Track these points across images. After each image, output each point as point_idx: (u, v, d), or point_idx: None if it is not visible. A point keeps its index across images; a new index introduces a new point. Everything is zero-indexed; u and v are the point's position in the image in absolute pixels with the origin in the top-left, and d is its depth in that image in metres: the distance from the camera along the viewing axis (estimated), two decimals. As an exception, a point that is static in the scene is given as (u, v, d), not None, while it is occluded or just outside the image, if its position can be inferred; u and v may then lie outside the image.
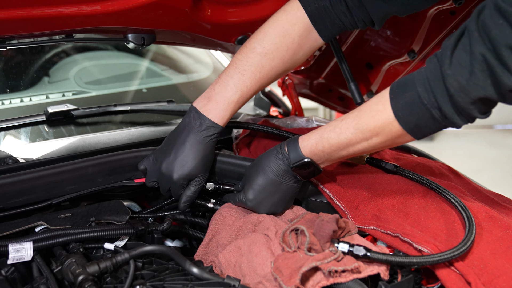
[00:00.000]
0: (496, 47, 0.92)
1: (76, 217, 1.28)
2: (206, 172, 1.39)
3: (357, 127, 1.14)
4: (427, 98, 1.03)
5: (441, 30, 1.72)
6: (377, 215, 1.28)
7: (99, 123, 1.78)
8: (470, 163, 5.71)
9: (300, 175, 1.27)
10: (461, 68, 0.97)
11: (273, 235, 1.17)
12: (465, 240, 1.10)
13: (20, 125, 1.65)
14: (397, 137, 1.11)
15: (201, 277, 1.06)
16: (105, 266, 1.07)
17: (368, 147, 1.16)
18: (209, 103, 1.35)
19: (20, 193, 1.29)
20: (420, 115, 1.05)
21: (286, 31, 1.36)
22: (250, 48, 1.37)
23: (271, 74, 1.39)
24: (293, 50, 1.38)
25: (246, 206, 1.32)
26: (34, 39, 1.48)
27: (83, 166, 1.38)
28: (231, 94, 1.35)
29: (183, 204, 1.38)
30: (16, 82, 1.88)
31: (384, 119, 1.10)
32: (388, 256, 1.08)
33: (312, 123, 1.84)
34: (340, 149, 1.19)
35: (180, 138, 1.35)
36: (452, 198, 1.24)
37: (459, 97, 0.99)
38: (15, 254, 1.12)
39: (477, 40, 0.95)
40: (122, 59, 2.25)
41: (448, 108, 1.01)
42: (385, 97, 1.10)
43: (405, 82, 1.08)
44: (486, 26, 0.94)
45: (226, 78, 1.36)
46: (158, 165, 1.37)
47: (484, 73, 0.95)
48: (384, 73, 1.97)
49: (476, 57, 0.95)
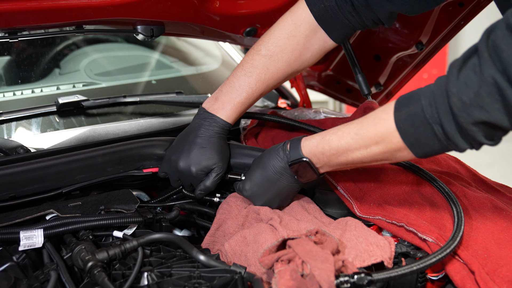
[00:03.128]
0: (507, 69, 0.87)
1: (86, 205, 1.31)
2: (224, 163, 1.40)
3: (358, 133, 1.11)
4: (430, 113, 0.98)
5: (450, 22, 1.72)
6: (382, 205, 1.29)
7: (109, 114, 1.80)
8: (481, 157, 5.65)
9: (298, 175, 1.25)
10: (467, 87, 0.92)
11: (278, 225, 1.18)
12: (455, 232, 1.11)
13: (31, 115, 1.67)
14: (396, 149, 1.07)
15: (208, 264, 1.08)
16: (114, 253, 1.09)
17: (367, 156, 1.12)
18: (216, 103, 1.39)
19: (31, 182, 1.31)
20: (421, 129, 1.01)
21: (291, 32, 1.37)
22: (256, 50, 1.39)
23: (278, 76, 1.40)
24: (298, 51, 1.39)
25: (242, 195, 1.35)
26: (44, 30, 1.50)
27: (93, 155, 1.41)
28: (237, 95, 1.38)
29: (199, 192, 1.40)
30: (27, 74, 1.91)
31: (385, 128, 1.06)
32: (389, 272, 1.03)
33: (320, 115, 1.85)
34: (339, 154, 1.15)
35: (191, 136, 1.38)
36: (443, 189, 1.25)
37: (462, 117, 0.94)
38: (26, 241, 1.15)
39: (487, 61, 0.90)
40: (131, 51, 2.27)
41: (451, 126, 0.97)
42: (390, 107, 1.06)
43: (411, 95, 1.04)
44: (497, 46, 0.88)
45: (232, 80, 1.39)
46: (174, 164, 1.39)
47: (492, 97, 0.90)
48: (392, 65, 1.97)
49: (485, 79, 0.90)
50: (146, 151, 1.47)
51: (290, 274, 0.97)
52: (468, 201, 1.27)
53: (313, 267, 0.96)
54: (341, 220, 1.27)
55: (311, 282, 0.96)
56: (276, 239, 1.13)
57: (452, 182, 1.33)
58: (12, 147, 1.45)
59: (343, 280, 0.98)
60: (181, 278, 1.03)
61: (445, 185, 1.28)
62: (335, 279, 0.96)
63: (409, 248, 1.20)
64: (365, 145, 1.10)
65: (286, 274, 0.97)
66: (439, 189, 1.27)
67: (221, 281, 1.01)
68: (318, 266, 0.96)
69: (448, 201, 1.21)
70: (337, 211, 1.39)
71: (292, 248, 1.03)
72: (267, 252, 1.07)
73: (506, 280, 1.04)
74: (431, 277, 1.19)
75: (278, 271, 0.98)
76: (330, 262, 0.98)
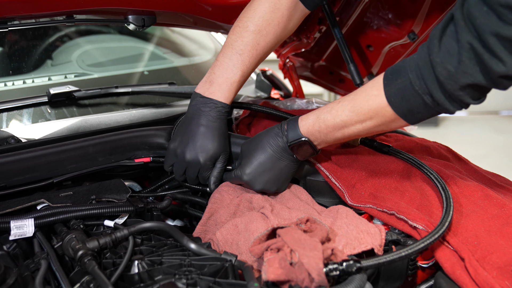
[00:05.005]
0: (482, 35, 0.93)
1: (77, 195, 1.30)
2: (227, 150, 1.41)
3: (352, 110, 1.16)
4: (419, 85, 1.05)
5: (442, 11, 1.71)
6: (373, 193, 1.29)
7: (101, 104, 1.79)
8: (475, 149, 5.70)
9: (297, 155, 1.28)
10: (450, 56, 0.98)
11: (269, 213, 1.18)
12: (442, 221, 1.12)
13: (22, 106, 1.66)
14: (390, 121, 1.13)
15: (199, 252, 1.08)
16: (104, 242, 1.09)
17: (363, 129, 1.18)
18: (212, 87, 1.38)
19: (22, 172, 1.31)
20: (412, 101, 1.07)
21: (275, 6, 1.39)
22: (243, 27, 1.39)
23: (267, 49, 1.43)
24: (283, 23, 1.42)
25: (241, 180, 1.34)
26: (35, 20, 1.49)
27: (84, 145, 1.40)
28: (232, 75, 1.38)
29: (213, 184, 1.40)
30: (19, 65, 1.90)
31: (378, 104, 1.12)
32: (378, 259, 1.02)
33: (312, 105, 1.85)
34: (336, 131, 1.20)
35: (193, 125, 1.37)
36: (434, 177, 1.26)
37: (449, 84, 1.00)
38: (17, 231, 1.14)
39: (463, 29, 0.96)
40: (124, 42, 2.26)
41: (439, 94, 1.03)
42: (379, 83, 1.12)
43: (398, 69, 1.10)
44: (470, 14, 0.95)
45: (224, 60, 1.39)
46: (181, 156, 1.38)
47: (472, 60, 0.96)
48: (385, 55, 1.97)
49: (463, 46, 0.96)
50: (137, 141, 1.46)
51: (278, 263, 0.97)
52: (459, 189, 1.27)
53: (301, 255, 0.97)
54: (333, 208, 1.27)
55: (300, 270, 0.96)
56: (267, 227, 1.13)
57: (443, 171, 1.34)
58: (3, 137, 1.44)
59: (332, 267, 0.98)
60: (171, 266, 1.03)
61: (436, 173, 1.28)
62: (323, 267, 0.96)
63: (399, 235, 1.20)
64: (360, 121, 1.16)
65: (275, 262, 0.97)
66: (430, 177, 1.27)
67: (212, 269, 1.01)
68: (306, 254, 0.96)
69: (438, 187, 1.22)
70: (328, 199, 1.40)
71: (281, 237, 1.03)
72: (257, 242, 1.07)
73: (495, 267, 1.04)
74: (422, 264, 1.20)
75: (267, 260, 0.99)
76: (319, 249, 0.98)
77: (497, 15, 0.91)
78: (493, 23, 0.91)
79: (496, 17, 0.91)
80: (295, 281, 0.96)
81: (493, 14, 0.91)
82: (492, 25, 0.91)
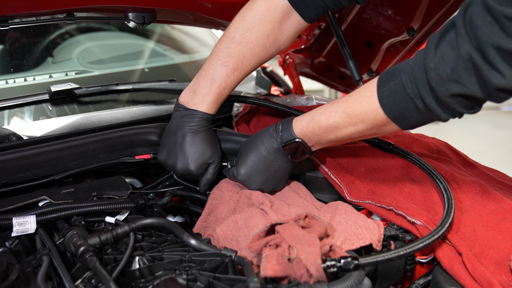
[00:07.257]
0: (482, 46, 0.90)
1: (78, 192, 1.31)
2: (218, 152, 1.42)
3: (345, 111, 1.14)
4: (411, 88, 1.02)
5: (441, 7, 1.72)
6: (372, 189, 1.30)
7: (102, 101, 1.80)
8: (476, 144, 5.71)
9: (291, 155, 1.27)
10: (443, 62, 0.95)
11: (269, 209, 1.19)
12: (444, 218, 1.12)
13: (24, 103, 1.67)
14: (382, 125, 1.10)
15: (199, 248, 1.08)
16: (105, 238, 1.10)
17: (355, 132, 1.15)
18: (195, 97, 1.37)
19: (23, 169, 1.32)
20: (403, 104, 1.04)
21: (265, 18, 1.34)
22: (229, 37, 1.35)
23: (254, 62, 1.38)
24: (274, 36, 1.36)
25: (237, 180, 1.35)
26: (36, 18, 1.50)
27: (85, 142, 1.41)
28: (216, 86, 1.36)
29: (203, 187, 1.43)
30: (20, 62, 1.90)
31: (370, 106, 1.09)
32: (376, 257, 1.03)
33: (312, 101, 1.85)
34: (329, 132, 1.18)
35: (178, 136, 1.38)
36: (432, 174, 1.27)
37: (440, 91, 0.97)
38: (19, 227, 1.15)
39: (463, 38, 0.93)
40: (124, 40, 2.26)
41: (430, 100, 1.00)
42: (373, 84, 1.09)
43: (392, 71, 1.07)
44: (473, 23, 0.91)
45: (209, 71, 1.37)
46: (173, 168, 1.40)
47: (468, 71, 0.93)
48: (384, 51, 1.98)
49: (461, 55, 0.93)
50: (137, 138, 1.47)
51: (276, 259, 0.98)
52: (457, 185, 1.28)
53: (299, 251, 0.97)
54: (332, 204, 1.28)
55: (298, 266, 0.97)
56: (266, 223, 1.14)
57: (441, 167, 1.35)
58: (4, 135, 1.45)
59: (329, 264, 0.99)
60: (172, 262, 1.04)
61: (435, 169, 1.29)
62: (321, 263, 0.97)
63: (398, 231, 1.21)
64: (352, 123, 1.13)
65: (273, 258, 0.98)
66: (429, 174, 1.28)
67: (212, 265, 1.02)
68: (304, 250, 0.97)
69: (440, 188, 1.22)
70: (327, 196, 1.41)
71: (280, 233, 1.04)
72: (256, 238, 1.08)
73: (493, 262, 1.05)
74: (420, 259, 1.21)
75: (265, 256, 0.99)
76: (317, 245, 0.99)
77: (500, 27, 0.88)
78: (496, 34, 0.88)
79: (499, 29, 0.88)
80: (293, 277, 0.97)
81: (497, 25, 0.88)
82: (494, 37, 0.88)
